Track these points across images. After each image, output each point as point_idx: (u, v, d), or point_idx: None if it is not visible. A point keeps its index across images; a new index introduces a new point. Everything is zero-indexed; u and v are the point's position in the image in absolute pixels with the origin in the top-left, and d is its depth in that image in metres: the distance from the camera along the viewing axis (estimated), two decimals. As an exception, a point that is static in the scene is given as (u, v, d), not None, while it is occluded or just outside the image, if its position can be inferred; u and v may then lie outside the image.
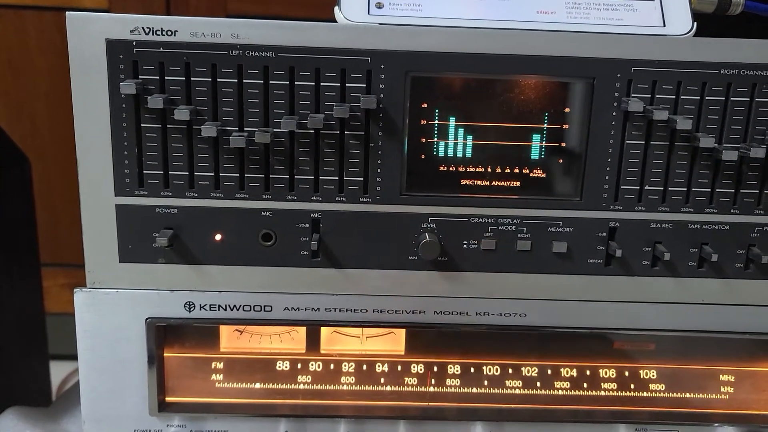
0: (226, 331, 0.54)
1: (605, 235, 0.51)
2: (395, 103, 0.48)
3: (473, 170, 0.50)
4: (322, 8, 0.50)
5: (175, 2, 1.16)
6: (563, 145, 0.50)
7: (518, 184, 0.50)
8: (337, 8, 0.49)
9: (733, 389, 0.56)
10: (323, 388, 0.55)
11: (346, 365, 0.55)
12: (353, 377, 0.55)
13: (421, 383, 0.55)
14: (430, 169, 0.50)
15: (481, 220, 0.50)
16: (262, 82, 0.47)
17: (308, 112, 0.47)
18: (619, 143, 0.49)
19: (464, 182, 0.50)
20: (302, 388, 0.55)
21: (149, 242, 0.50)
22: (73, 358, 0.53)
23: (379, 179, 0.49)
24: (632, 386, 0.56)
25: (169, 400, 0.54)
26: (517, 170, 0.50)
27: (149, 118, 0.47)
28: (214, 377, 0.54)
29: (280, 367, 0.55)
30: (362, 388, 0.55)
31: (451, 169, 0.50)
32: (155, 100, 0.46)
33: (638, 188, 0.50)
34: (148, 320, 0.51)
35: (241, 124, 0.48)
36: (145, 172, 0.49)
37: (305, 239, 0.50)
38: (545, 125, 0.49)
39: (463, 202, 0.50)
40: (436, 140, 0.49)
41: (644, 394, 0.56)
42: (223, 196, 0.49)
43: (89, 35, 0.46)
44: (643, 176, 0.50)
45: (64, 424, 0.69)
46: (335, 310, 0.52)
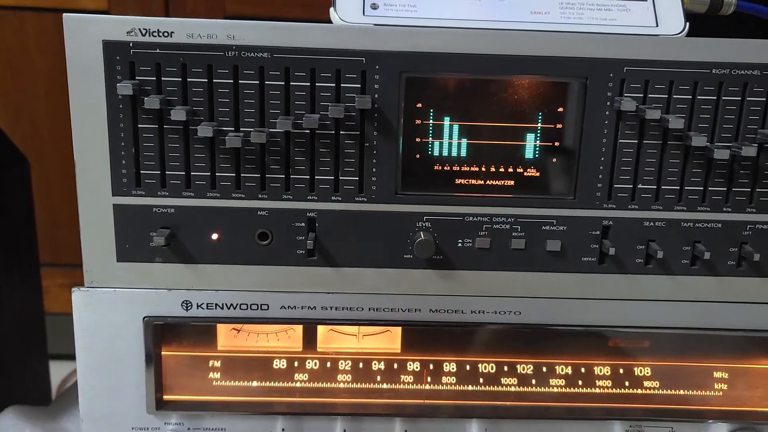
0: (223, 329, 0.54)
1: (599, 233, 0.51)
2: (390, 103, 0.48)
3: (468, 169, 0.50)
4: (320, 9, 0.50)
5: (173, 4, 1.17)
6: (557, 144, 0.50)
7: (512, 183, 0.51)
8: (332, 9, 0.49)
9: (726, 386, 0.56)
10: (320, 386, 0.55)
11: (342, 363, 0.55)
12: (350, 375, 0.55)
13: (417, 381, 0.56)
14: (424, 168, 0.50)
15: (475, 218, 0.51)
16: (257, 82, 0.47)
17: (304, 112, 0.48)
18: (612, 142, 0.49)
19: (459, 181, 0.51)
20: (299, 386, 0.55)
21: (146, 242, 0.50)
22: (73, 358, 0.53)
23: (374, 179, 0.50)
24: (627, 383, 0.56)
25: (166, 398, 0.54)
26: (511, 169, 0.51)
27: (146, 118, 0.48)
28: (211, 375, 0.55)
29: (277, 365, 0.55)
30: (359, 386, 0.55)
31: (445, 168, 0.50)
32: (152, 100, 0.46)
33: (631, 187, 0.50)
34: (145, 319, 0.52)
35: (237, 124, 0.48)
36: (142, 172, 0.49)
37: (301, 238, 0.51)
38: (539, 125, 0.50)
39: (457, 201, 0.51)
40: (430, 140, 0.50)
41: (639, 391, 0.56)
42: (219, 195, 0.50)
43: (86, 36, 0.46)
44: (636, 175, 0.50)
45: (63, 423, 0.70)
46: (331, 308, 0.52)
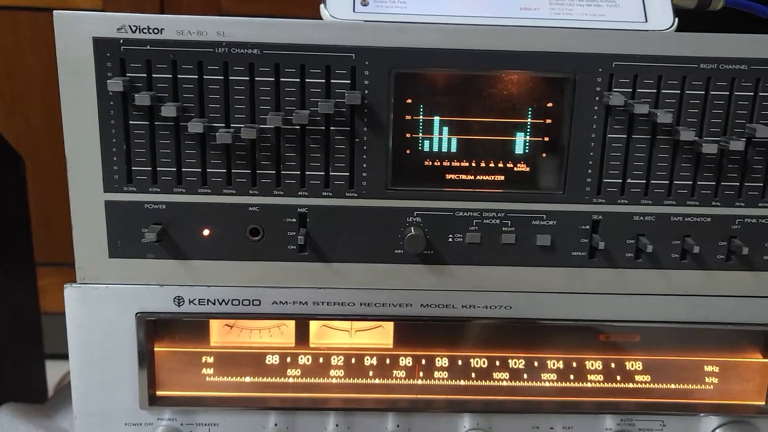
0: (216, 325, 0.54)
1: (588, 228, 0.51)
2: (380, 99, 0.48)
3: (458, 165, 0.51)
4: (315, 8, 0.51)
5: (168, 3, 1.17)
6: (546, 139, 0.50)
7: (502, 178, 0.51)
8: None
9: (717, 380, 0.56)
10: (313, 381, 0.56)
11: (335, 359, 0.55)
12: (342, 370, 0.55)
13: (409, 376, 0.56)
14: (415, 163, 0.50)
15: (465, 213, 0.51)
16: (248, 78, 0.48)
17: (294, 108, 0.48)
18: (601, 137, 0.50)
19: (449, 177, 0.51)
20: (292, 381, 0.55)
21: (138, 238, 0.50)
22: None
23: (364, 174, 0.50)
24: (618, 378, 0.56)
25: (159, 394, 0.54)
26: (501, 164, 0.51)
27: (137, 115, 0.48)
28: (204, 371, 0.55)
29: (270, 361, 0.55)
30: (351, 381, 0.56)
31: (435, 163, 0.51)
32: (142, 97, 0.46)
33: (621, 181, 0.50)
34: (138, 315, 0.52)
35: (227, 120, 0.48)
36: (133, 168, 0.49)
37: (292, 234, 0.51)
38: (528, 120, 0.50)
39: (448, 196, 0.51)
40: (420, 135, 0.50)
41: (630, 385, 0.56)
42: (210, 191, 0.50)
43: (77, 34, 0.46)
44: (625, 169, 0.50)
45: (58, 420, 0.70)
46: (323, 303, 0.53)
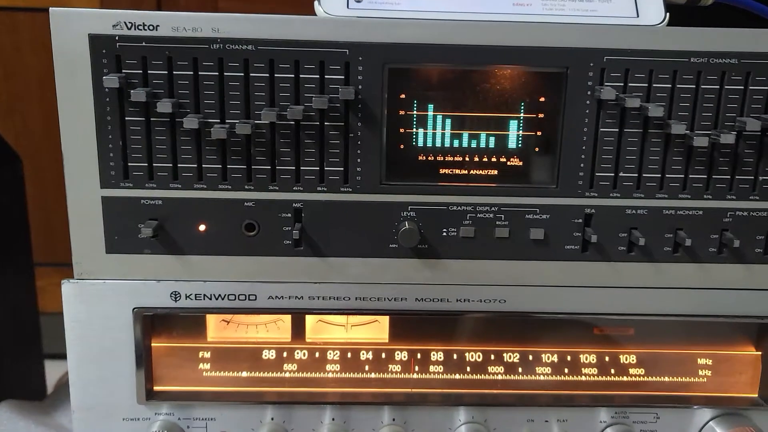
0: (213, 320, 0.55)
1: (581, 221, 0.52)
2: (374, 94, 0.49)
3: (451, 159, 0.51)
4: (311, 7, 0.51)
5: (166, 1, 1.17)
6: (539, 133, 0.51)
7: (496, 172, 0.51)
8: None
9: (710, 372, 0.57)
10: (309, 375, 0.56)
11: (331, 353, 0.56)
12: (338, 365, 0.56)
13: (405, 370, 0.56)
14: (409, 158, 0.51)
15: (459, 208, 0.51)
16: (242, 74, 0.48)
17: (288, 103, 0.48)
18: (593, 131, 0.50)
19: (443, 171, 0.51)
20: (288, 376, 0.56)
21: (135, 233, 0.51)
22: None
23: (359, 169, 0.50)
24: (612, 371, 0.57)
25: (157, 388, 0.55)
26: (494, 159, 0.51)
27: (133, 111, 0.48)
28: (201, 366, 0.55)
29: (266, 355, 0.56)
30: (347, 375, 0.56)
31: (429, 158, 0.51)
32: (138, 93, 0.47)
33: (613, 175, 0.51)
34: (135, 310, 0.52)
35: (222, 116, 0.49)
36: (129, 164, 0.49)
37: (287, 229, 0.51)
38: (521, 114, 0.50)
39: (441, 190, 0.51)
40: (414, 130, 0.50)
41: (624, 378, 0.57)
42: (206, 187, 0.50)
43: (72, 30, 0.47)
44: (617, 163, 0.51)
45: (57, 417, 0.71)
46: (318, 298, 0.53)
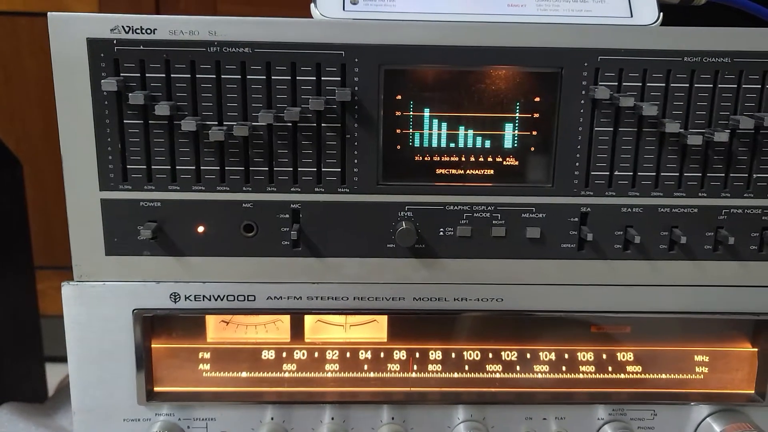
0: (212, 321, 0.55)
1: (577, 220, 0.52)
2: (370, 95, 0.49)
3: (448, 159, 0.51)
4: (308, 9, 0.51)
5: (164, 5, 1.18)
6: (534, 133, 0.51)
7: (492, 172, 0.52)
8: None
9: (707, 369, 0.57)
10: (308, 375, 0.56)
11: (330, 353, 0.56)
12: (337, 364, 0.56)
13: (403, 369, 0.57)
14: (405, 158, 0.51)
15: (456, 207, 0.52)
16: (239, 77, 0.48)
17: (285, 105, 0.49)
18: (588, 130, 0.50)
19: (439, 171, 0.52)
20: (288, 376, 0.56)
21: (134, 235, 0.51)
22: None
23: (356, 170, 0.51)
24: (610, 368, 0.57)
25: (157, 389, 0.55)
26: (490, 159, 0.52)
27: (131, 114, 0.49)
28: (201, 367, 0.56)
29: (266, 356, 0.56)
30: (346, 374, 0.56)
31: (426, 158, 0.51)
32: (136, 96, 0.47)
33: (608, 174, 0.51)
34: (135, 311, 0.53)
35: (220, 118, 0.49)
36: (128, 166, 0.50)
37: (286, 229, 0.52)
38: (517, 114, 0.51)
39: (438, 190, 0.51)
40: (410, 131, 0.51)
41: (621, 375, 0.57)
42: (204, 189, 0.50)
43: (71, 35, 0.47)
44: (612, 162, 0.51)
45: (57, 419, 0.71)
46: (317, 298, 0.53)
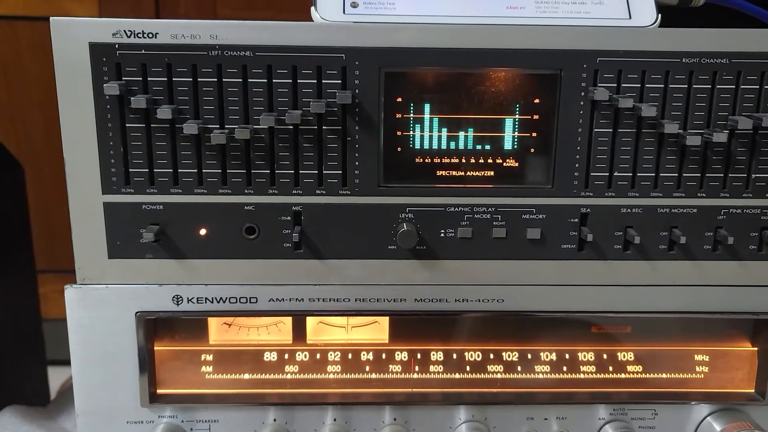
0: (214, 323, 0.55)
1: (577, 220, 0.52)
2: (370, 98, 0.49)
3: (448, 161, 0.52)
4: (308, 13, 0.52)
5: (164, 10, 1.18)
6: (534, 134, 0.51)
7: (492, 173, 0.52)
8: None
9: (707, 368, 0.57)
10: (310, 377, 0.56)
11: (332, 354, 0.56)
12: (339, 366, 0.56)
13: (405, 370, 0.57)
14: (406, 160, 0.51)
15: (456, 209, 0.52)
16: (240, 80, 0.49)
17: (286, 108, 0.49)
18: (587, 131, 0.51)
19: (440, 173, 0.52)
20: (290, 377, 0.56)
21: (137, 238, 0.51)
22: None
23: (357, 172, 0.51)
24: (610, 368, 0.57)
25: (160, 392, 0.55)
26: (490, 160, 0.52)
27: (133, 117, 0.49)
28: (204, 369, 0.56)
29: (268, 357, 0.56)
30: (348, 376, 0.57)
31: (426, 160, 0.52)
32: (138, 100, 0.48)
33: (608, 174, 0.51)
34: (137, 314, 0.53)
35: (221, 121, 0.49)
36: (130, 170, 0.50)
37: (287, 232, 0.52)
38: (516, 116, 0.51)
39: (439, 192, 0.52)
40: (411, 133, 0.51)
41: (622, 375, 0.57)
42: (206, 191, 0.51)
43: (73, 39, 0.47)
44: (612, 163, 0.51)
45: (60, 421, 0.71)
46: (318, 300, 0.54)
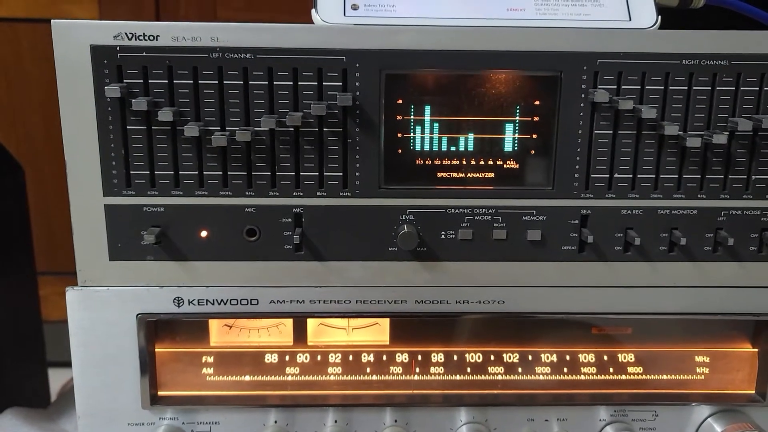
0: (215, 325, 0.55)
1: (578, 222, 0.52)
2: (371, 100, 0.49)
3: (449, 163, 0.52)
4: (309, 15, 0.52)
5: (164, 12, 1.18)
6: (534, 136, 0.51)
7: (492, 175, 0.52)
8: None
9: (708, 369, 0.57)
10: (311, 378, 0.57)
11: (332, 356, 0.56)
12: (340, 368, 0.57)
13: (406, 372, 0.57)
14: (406, 162, 0.51)
15: (457, 210, 0.52)
16: (241, 82, 0.49)
17: (287, 110, 0.49)
18: (587, 133, 0.51)
19: (440, 175, 0.52)
20: (291, 379, 0.56)
21: (138, 240, 0.51)
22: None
23: (357, 174, 0.51)
24: (611, 369, 0.57)
25: (161, 393, 0.55)
26: (491, 162, 0.52)
27: (134, 120, 0.49)
28: (204, 371, 0.56)
29: (269, 359, 0.56)
30: (349, 377, 0.57)
31: (427, 162, 0.52)
32: (139, 102, 0.48)
33: (608, 176, 0.52)
34: (138, 316, 0.53)
35: (222, 123, 0.49)
36: (131, 172, 0.50)
37: (288, 234, 0.52)
38: (517, 118, 0.51)
39: (439, 193, 0.52)
40: (411, 135, 0.51)
41: (623, 376, 0.57)
42: (207, 193, 0.51)
43: (74, 41, 0.47)
44: (612, 164, 0.51)
45: (61, 423, 0.71)
46: (319, 301, 0.54)
